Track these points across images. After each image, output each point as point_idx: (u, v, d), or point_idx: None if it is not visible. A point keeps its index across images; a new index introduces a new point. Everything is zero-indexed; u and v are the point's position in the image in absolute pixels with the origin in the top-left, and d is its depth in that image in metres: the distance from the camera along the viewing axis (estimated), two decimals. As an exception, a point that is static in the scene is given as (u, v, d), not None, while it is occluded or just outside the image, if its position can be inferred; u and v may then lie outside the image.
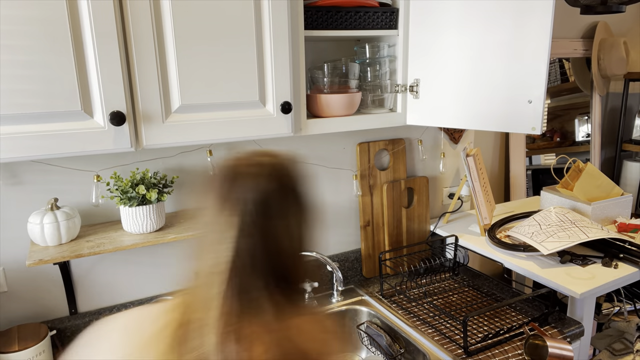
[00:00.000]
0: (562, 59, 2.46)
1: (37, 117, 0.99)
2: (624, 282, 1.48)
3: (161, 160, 1.45)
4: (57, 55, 0.97)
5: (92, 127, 1.04)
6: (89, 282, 1.43)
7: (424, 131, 1.92)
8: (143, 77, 1.07)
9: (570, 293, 1.38)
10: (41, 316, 1.39)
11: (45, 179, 1.32)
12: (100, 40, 1.00)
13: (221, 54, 1.14)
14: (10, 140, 0.97)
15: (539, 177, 2.44)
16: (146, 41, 1.06)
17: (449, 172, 2.05)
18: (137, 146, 1.11)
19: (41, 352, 1.25)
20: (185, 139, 1.15)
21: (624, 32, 2.62)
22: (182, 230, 1.34)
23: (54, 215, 1.22)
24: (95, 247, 1.23)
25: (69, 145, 1.02)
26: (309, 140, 1.67)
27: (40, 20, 0.95)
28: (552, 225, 1.59)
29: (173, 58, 1.10)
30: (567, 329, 1.44)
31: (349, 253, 1.84)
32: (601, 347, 1.91)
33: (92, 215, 1.40)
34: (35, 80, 0.97)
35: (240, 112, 1.21)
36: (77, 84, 1.01)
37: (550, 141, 2.49)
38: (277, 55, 1.21)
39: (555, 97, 2.50)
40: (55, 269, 1.37)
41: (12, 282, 1.34)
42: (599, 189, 1.86)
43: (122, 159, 1.39)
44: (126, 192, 1.28)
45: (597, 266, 1.52)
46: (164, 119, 1.12)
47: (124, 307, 1.47)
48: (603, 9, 1.83)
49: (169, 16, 1.07)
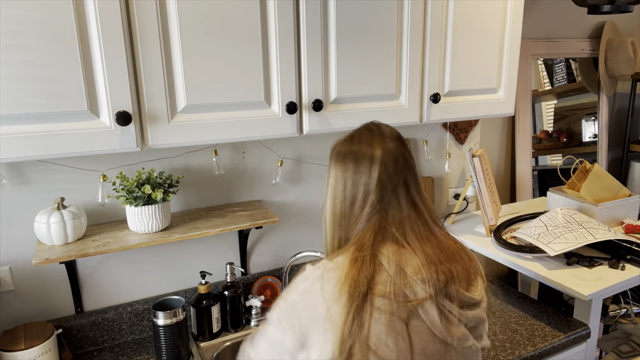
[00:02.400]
0: (569, 59, 2.44)
1: (43, 117, 0.99)
2: (631, 284, 1.47)
3: (167, 160, 1.45)
4: (63, 56, 0.98)
5: (99, 127, 1.05)
6: (95, 281, 1.44)
7: (429, 131, 1.91)
8: (149, 77, 1.08)
9: (577, 295, 1.38)
10: (47, 315, 1.40)
11: (52, 179, 1.32)
12: (106, 41, 1.01)
13: (227, 54, 1.14)
14: (17, 140, 0.98)
15: (545, 177, 2.43)
16: (152, 41, 1.06)
17: (455, 173, 2.05)
18: (143, 146, 1.11)
19: (47, 351, 1.25)
20: (191, 139, 1.15)
21: (632, 31, 2.60)
22: (187, 230, 1.34)
23: (60, 215, 1.23)
24: (101, 247, 1.23)
25: (75, 145, 1.03)
26: (314, 140, 1.67)
27: (47, 21, 0.95)
28: (559, 227, 1.58)
29: (179, 58, 1.10)
30: (573, 330, 1.44)
31: (353, 253, 1.84)
32: (608, 349, 1.89)
33: (98, 214, 1.40)
34: (42, 80, 0.97)
35: (245, 112, 1.21)
36: (83, 84, 1.01)
37: (557, 142, 2.48)
38: (283, 55, 1.21)
39: (562, 97, 2.49)
40: (61, 268, 1.38)
41: (19, 281, 1.35)
42: (606, 190, 1.85)
43: (128, 158, 1.40)
44: (132, 191, 1.28)
45: (603, 268, 1.51)
46: (169, 119, 1.12)
47: (130, 307, 1.47)
48: (610, 9, 1.82)
49: (175, 16, 1.07)
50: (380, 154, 0.89)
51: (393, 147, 0.91)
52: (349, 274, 0.81)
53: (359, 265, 0.82)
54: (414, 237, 0.88)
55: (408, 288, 0.82)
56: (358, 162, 0.89)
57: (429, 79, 1.44)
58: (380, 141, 0.91)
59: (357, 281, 0.80)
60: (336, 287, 0.81)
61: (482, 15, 1.49)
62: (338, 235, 0.93)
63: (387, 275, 0.82)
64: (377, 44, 1.33)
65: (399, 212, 0.89)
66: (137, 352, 1.43)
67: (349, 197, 0.90)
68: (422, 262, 0.84)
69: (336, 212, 0.92)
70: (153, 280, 1.52)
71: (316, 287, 0.83)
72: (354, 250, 0.85)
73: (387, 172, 0.89)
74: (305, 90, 1.26)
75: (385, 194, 0.88)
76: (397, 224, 0.88)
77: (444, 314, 0.84)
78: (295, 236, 1.73)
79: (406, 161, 0.92)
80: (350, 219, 0.91)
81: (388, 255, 0.84)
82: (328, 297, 0.81)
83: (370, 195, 0.88)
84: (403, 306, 0.81)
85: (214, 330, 1.49)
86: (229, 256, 1.62)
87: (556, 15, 2.28)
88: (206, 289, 1.47)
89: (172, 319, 1.30)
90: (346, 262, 0.83)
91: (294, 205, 1.70)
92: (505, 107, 1.63)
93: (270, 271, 1.69)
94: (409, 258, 0.84)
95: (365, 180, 0.89)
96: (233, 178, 1.58)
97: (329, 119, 1.31)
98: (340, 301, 0.79)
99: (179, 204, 1.51)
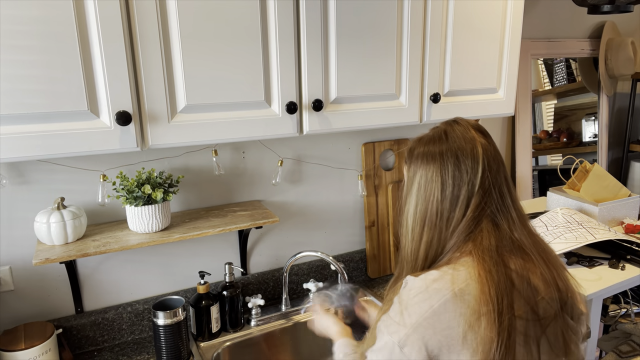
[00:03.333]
0: (569, 59, 2.44)
1: (43, 117, 0.99)
2: (631, 284, 1.47)
3: (167, 160, 1.45)
4: (64, 56, 0.98)
5: (99, 126, 1.05)
6: (95, 281, 1.44)
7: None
8: (149, 77, 1.08)
9: (577, 295, 1.37)
10: (47, 315, 1.40)
11: (52, 179, 1.32)
12: (106, 41, 1.01)
13: (227, 54, 1.14)
14: (16, 139, 0.98)
15: (546, 177, 2.43)
16: (152, 41, 1.06)
17: (455, 173, 2.04)
18: (143, 146, 1.11)
19: (47, 351, 1.25)
20: (191, 139, 1.15)
21: (632, 31, 2.60)
22: (187, 230, 1.34)
23: (60, 215, 1.23)
24: (101, 247, 1.23)
25: (75, 145, 1.03)
26: (314, 140, 1.67)
27: (47, 21, 0.95)
28: (559, 227, 1.58)
29: (179, 58, 1.10)
30: (573, 330, 1.44)
31: (354, 253, 1.84)
32: (607, 349, 1.89)
33: (98, 214, 1.40)
34: (42, 80, 0.97)
35: (245, 112, 1.21)
36: (83, 84, 1.01)
37: (557, 141, 2.48)
38: (283, 55, 1.21)
39: (562, 97, 2.49)
40: (61, 268, 1.38)
41: (19, 280, 1.35)
42: (606, 190, 1.85)
43: (128, 158, 1.40)
44: (132, 191, 1.28)
45: (603, 268, 1.51)
46: (169, 118, 1.12)
47: (130, 306, 1.47)
48: (610, 9, 1.82)
49: (175, 16, 1.07)
50: (481, 150, 0.83)
51: (489, 144, 0.85)
52: (484, 289, 0.74)
53: (495, 280, 0.75)
54: (528, 244, 0.81)
55: (539, 306, 0.76)
56: (459, 159, 0.82)
57: (429, 79, 1.45)
58: (478, 137, 0.85)
59: (497, 299, 0.73)
60: (475, 305, 0.73)
61: (482, 15, 1.49)
62: (428, 238, 0.84)
63: (518, 292, 0.76)
64: (377, 44, 1.33)
65: (508, 215, 0.83)
66: (137, 352, 1.43)
67: (449, 196, 0.82)
68: (546, 274, 0.78)
69: (431, 213, 0.84)
70: (153, 280, 1.52)
71: (450, 307, 0.74)
72: (479, 261, 0.77)
73: (492, 170, 0.82)
74: (305, 90, 1.26)
75: (491, 195, 0.82)
76: (510, 230, 0.82)
77: (567, 332, 0.79)
78: (295, 236, 1.73)
79: (501, 158, 0.86)
80: (448, 221, 0.83)
81: (516, 268, 0.78)
82: (467, 317, 0.73)
83: (474, 196, 0.81)
84: (536, 326, 0.75)
85: (213, 330, 1.49)
86: (229, 256, 1.62)
87: (556, 15, 2.28)
88: (205, 289, 1.47)
89: (172, 319, 1.30)
90: (481, 277, 0.75)
91: (294, 205, 1.70)
92: (505, 107, 1.63)
93: (271, 271, 1.69)
94: (534, 270, 0.78)
95: (469, 178, 0.81)
96: (233, 178, 1.58)
97: (329, 118, 1.31)
98: (482, 320, 0.72)
99: (179, 204, 1.51)
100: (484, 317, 0.72)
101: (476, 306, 0.73)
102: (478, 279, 0.75)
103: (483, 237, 0.80)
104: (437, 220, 0.83)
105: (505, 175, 0.85)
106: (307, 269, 1.75)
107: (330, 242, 1.81)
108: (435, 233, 0.84)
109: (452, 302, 0.74)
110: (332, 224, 1.79)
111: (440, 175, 0.83)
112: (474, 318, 0.73)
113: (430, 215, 0.84)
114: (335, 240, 1.82)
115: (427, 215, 0.84)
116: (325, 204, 1.76)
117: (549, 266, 0.80)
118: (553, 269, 0.80)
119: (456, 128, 0.87)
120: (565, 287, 0.80)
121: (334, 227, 1.80)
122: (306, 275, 1.75)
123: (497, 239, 0.80)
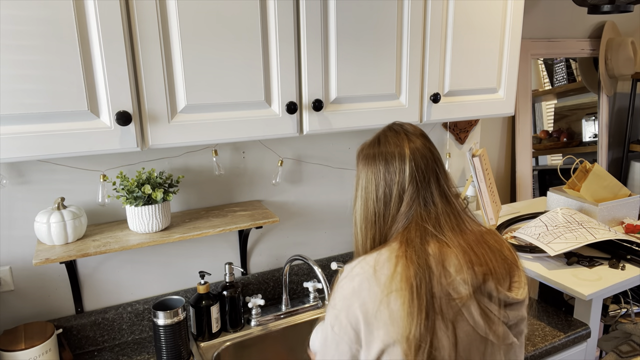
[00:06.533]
0: (569, 59, 2.44)
1: (44, 117, 0.99)
2: (631, 284, 1.47)
3: (167, 160, 1.45)
4: (64, 56, 0.98)
5: (99, 127, 1.05)
6: (95, 281, 1.44)
7: (429, 131, 1.91)
8: (149, 77, 1.08)
9: (577, 295, 1.37)
10: (47, 315, 1.40)
11: (52, 179, 1.32)
12: (106, 41, 1.01)
13: (227, 54, 1.14)
14: (17, 139, 0.98)
15: (546, 177, 2.43)
16: (152, 41, 1.06)
17: (455, 173, 2.05)
18: (143, 146, 1.11)
19: (47, 351, 1.25)
20: (191, 139, 1.15)
21: (632, 31, 2.60)
22: (187, 230, 1.34)
23: (60, 215, 1.23)
24: (101, 247, 1.23)
25: (75, 145, 1.03)
26: (314, 140, 1.67)
27: (47, 21, 0.95)
28: (559, 227, 1.58)
29: (179, 58, 1.10)
30: (573, 330, 1.44)
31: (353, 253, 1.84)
32: (608, 349, 1.89)
33: (98, 214, 1.40)
34: (42, 81, 0.97)
35: (245, 112, 1.21)
36: (83, 84, 1.01)
37: (557, 141, 2.48)
38: (283, 55, 1.21)
39: (562, 97, 2.49)
40: (61, 268, 1.38)
41: (19, 280, 1.35)
42: (606, 190, 1.85)
43: (128, 158, 1.40)
44: (132, 191, 1.28)
45: (604, 268, 1.51)
46: (169, 118, 1.12)
47: (130, 306, 1.47)
48: (610, 9, 1.82)
49: (175, 16, 1.07)
50: (409, 152, 0.92)
51: (420, 144, 0.94)
52: (404, 271, 0.81)
53: (415, 262, 0.82)
54: (450, 231, 0.89)
55: (451, 287, 0.82)
56: (388, 162, 0.92)
57: (429, 79, 1.45)
58: (407, 140, 0.94)
59: (415, 279, 0.80)
60: (392, 283, 0.81)
61: (482, 15, 1.49)
62: (372, 234, 0.94)
63: (435, 275, 0.83)
64: (377, 44, 1.33)
65: (434, 207, 0.91)
66: (137, 352, 1.43)
67: (382, 197, 0.92)
68: (460, 259, 0.85)
69: (370, 212, 0.94)
70: (153, 280, 1.52)
71: (366, 285, 0.83)
72: (401, 246, 0.86)
73: (419, 168, 0.91)
74: (306, 90, 1.26)
75: (420, 191, 0.91)
76: (434, 220, 0.90)
77: (486, 313, 0.84)
78: (295, 236, 1.73)
79: (434, 156, 0.94)
80: (385, 218, 0.92)
81: (433, 253, 0.85)
82: (378, 293, 0.81)
83: (405, 193, 0.91)
84: (449, 306, 0.81)
85: (213, 331, 1.49)
86: (229, 256, 1.62)
87: (556, 15, 2.28)
88: (205, 289, 1.47)
89: (173, 319, 1.30)
90: (398, 259, 0.84)
91: (294, 205, 1.70)
92: (505, 107, 1.63)
93: (271, 271, 1.70)
94: (449, 255, 0.85)
95: (399, 179, 0.91)
96: (233, 178, 1.58)
97: (329, 118, 1.31)
98: (399, 296, 0.79)
99: (179, 204, 1.51)
100: (397, 293, 0.79)
101: (387, 283, 0.81)
102: (395, 260, 0.83)
103: (411, 228, 0.89)
104: (376, 218, 0.93)
105: (437, 170, 0.93)
106: (307, 269, 1.75)
107: (331, 242, 1.81)
108: (376, 229, 0.94)
109: (368, 280, 0.83)
110: (332, 224, 1.79)
111: (374, 177, 0.93)
112: (384, 294, 0.80)
113: (371, 214, 0.94)
114: (335, 240, 1.82)
115: (369, 214, 0.94)
116: (325, 204, 1.76)
117: (469, 251, 0.86)
118: (476, 254, 0.87)
119: (388, 133, 0.97)
120: (487, 271, 0.86)
121: (334, 227, 1.80)
122: (306, 275, 1.75)
123: (422, 229, 0.88)
